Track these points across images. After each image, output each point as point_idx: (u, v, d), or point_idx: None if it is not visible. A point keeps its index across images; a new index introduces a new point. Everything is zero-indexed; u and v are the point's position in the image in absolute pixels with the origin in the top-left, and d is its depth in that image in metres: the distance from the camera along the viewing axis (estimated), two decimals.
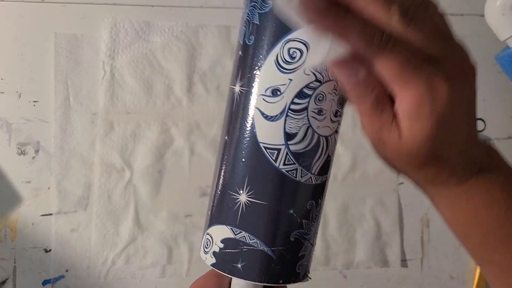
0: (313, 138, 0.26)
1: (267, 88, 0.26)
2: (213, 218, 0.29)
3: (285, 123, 0.26)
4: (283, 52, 0.25)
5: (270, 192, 0.27)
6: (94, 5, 0.58)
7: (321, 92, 0.26)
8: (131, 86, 0.57)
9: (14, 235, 0.55)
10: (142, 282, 0.56)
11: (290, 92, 0.25)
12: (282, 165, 0.26)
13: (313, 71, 0.25)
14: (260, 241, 0.27)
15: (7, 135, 0.55)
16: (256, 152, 0.26)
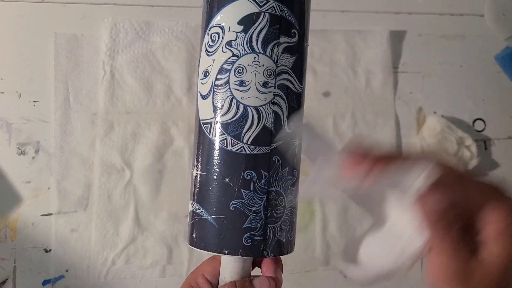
0: (239, 109, 0.28)
1: (202, 71, 0.30)
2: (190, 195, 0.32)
3: (213, 98, 0.29)
4: (208, 38, 0.29)
5: (207, 162, 0.29)
6: (94, 5, 0.58)
7: (240, 65, 0.28)
8: (131, 86, 0.57)
9: (14, 235, 0.55)
10: (142, 282, 0.56)
11: (214, 70, 0.29)
12: (214, 136, 0.29)
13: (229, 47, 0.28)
14: (205, 210, 0.29)
15: (7, 135, 0.55)
16: (199, 129, 0.30)
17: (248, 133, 0.28)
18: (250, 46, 0.28)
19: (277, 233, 0.29)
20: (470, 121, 0.65)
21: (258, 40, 0.28)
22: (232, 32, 0.28)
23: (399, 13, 0.65)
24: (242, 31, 0.28)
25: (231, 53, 0.28)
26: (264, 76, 0.28)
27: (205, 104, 0.29)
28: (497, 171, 0.65)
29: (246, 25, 0.28)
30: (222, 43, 0.29)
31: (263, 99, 0.28)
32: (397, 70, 0.64)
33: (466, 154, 0.62)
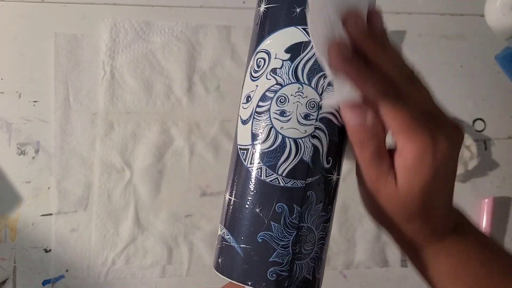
0: (277, 138, 0.27)
1: (245, 95, 0.29)
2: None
3: (252, 125, 0.28)
4: (254, 63, 0.29)
5: (240, 190, 0.28)
6: (94, 5, 0.58)
7: (282, 95, 0.27)
8: (131, 86, 0.57)
9: (14, 235, 0.55)
10: (142, 282, 0.56)
11: (257, 96, 0.28)
12: (249, 163, 0.28)
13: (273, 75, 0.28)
14: (233, 237, 0.28)
15: (7, 135, 0.55)
16: (235, 153, 0.29)
17: (284, 165, 0.27)
18: (295, 76, 0.27)
19: (304, 270, 0.28)
20: (470, 121, 0.65)
21: (304, 70, 0.27)
22: (278, 59, 0.28)
23: (399, 13, 0.65)
24: (288, 60, 0.27)
25: (275, 81, 0.27)
26: (307, 108, 0.27)
27: (244, 129, 0.28)
28: (497, 171, 0.65)
29: (293, 54, 0.27)
30: (267, 69, 0.28)
31: (303, 131, 0.27)
32: None
33: (466, 154, 0.62)
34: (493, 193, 0.64)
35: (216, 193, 0.58)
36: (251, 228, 0.28)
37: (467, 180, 0.64)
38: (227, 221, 0.29)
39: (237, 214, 0.28)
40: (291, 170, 0.27)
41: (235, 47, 0.60)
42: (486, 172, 0.65)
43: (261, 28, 0.29)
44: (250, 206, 0.28)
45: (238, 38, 0.60)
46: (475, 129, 0.65)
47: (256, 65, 0.28)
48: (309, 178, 0.28)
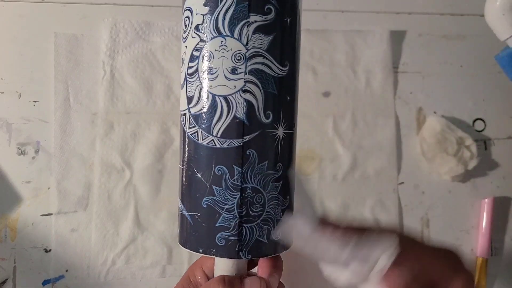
0: (208, 99, 0.26)
1: (181, 60, 0.28)
2: None
3: (186, 88, 0.27)
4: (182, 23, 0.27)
5: (183, 157, 0.28)
6: (94, 5, 0.58)
7: (207, 51, 0.25)
8: (131, 86, 0.57)
9: (14, 235, 0.55)
10: (142, 282, 0.56)
11: (186, 58, 0.27)
12: (188, 128, 0.27)
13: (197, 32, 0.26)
14: (183, 206, 0.28)
15: (7, 135, 0.55)
16: (180, 122, 0.28)
17: (218, 125, 0.26)
18: (217, 29, 0.25)
19: (256, 233, 0.27)
20: (470, 121, 0.65)
21: (225, 21, 0.25)
22: (199, 15, 0.26)
23: (399, 13, 0.65)
24: (208, 13, 0.25)
25: (199, 38, 0.26)
26: (233, 62, 0.25)
27: (182, 94, 0.27)
28: (497, 171, 0.65)
29: (211, 6, 0.25)
30: (192, 28, 0.26)
31: (232, 87, 0.25)
32: (397, 70, 0.64)
33: (466, 154, 0.62)
34: (493, 193, 0.64)
35: None
36: (196, 195, 0.27)
37: (467, 180, 0.64)
38: (180, 191, 0.28)
39: (184, 182, 0.27)
40: (225, 129, 0.26)
41: None
42: (486, 172, 0.65)
43: None
44: (192, 171, 0.27)
45: None
46: (475, 129, 0.65)
47: (184, 25, 0.27)
48: (246, 136, 0.26)
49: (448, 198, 0.64)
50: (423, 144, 0.63)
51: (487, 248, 0.62)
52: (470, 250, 0.63)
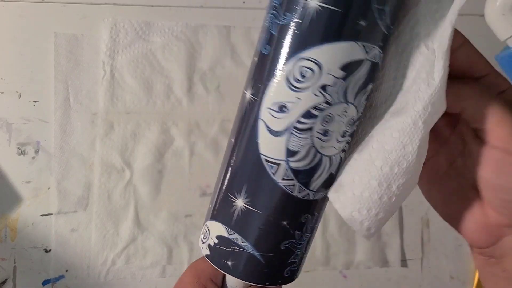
0: (315, 158, 0.26)
1: (275, 102, 0.25)
2: (213, 213, 0.30)
3: (288, 140, 0.25)
4: (295, 69, 0.25)
5: (265, 203, 0.27)
6: (94, 5, 0.58)
7: (329, 114, 0.25)
8: (131, 86, 0.57)
9: (14, 235, 0.55)
10: (142, 282, 0.56)
11: (297, 110, 0.25)
12: (280, 179, 0.26)
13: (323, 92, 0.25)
14: (251, 245, 0.27)
15: (7, 135, 0.55)
16: (257, 162, 0.26)
17: (317, 180, 0.27)
18: (345, 95, 0.25)
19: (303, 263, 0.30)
20: None
21: (353, 90, 0.25)
22: (331, 76, 0.24)
23: None
24: (342, 78, 0.24)
25: (324, 99, 0.25)
26: (345, 126, 0.26)
27: (274, 141, 0.26)
28: None
29: (348, 72, 0.24)
30: (316, 84, 0.24)
31: (338, 148, 0.26)
32: None
33: None
34: None
35: None
36: (275, 239, 0.27)
37: None
38: (242, 228, 0.28)
39: (258, 225, 0.27)
40: (321, 184, 0.27)
41: (235, 47, 0.60)
42: None
43: (308, 28, 0.24)
44: (275, 219, 0.27)
45: (238, 38, 0.60)
46: None
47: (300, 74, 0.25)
48: (330, 186, 0.28)
49: None
50: None
51: None
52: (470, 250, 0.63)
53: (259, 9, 0.61)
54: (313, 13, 0.24)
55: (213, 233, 0.29)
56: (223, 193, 0.29)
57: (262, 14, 0.28)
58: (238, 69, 0.60)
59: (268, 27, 0.26)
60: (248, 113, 0.27)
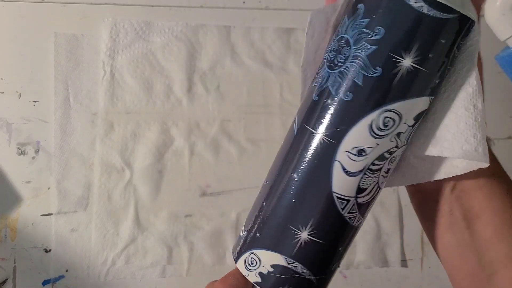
0: (376, 192, 0.29)
1: (354, 147, 0.27)
2: (264, 243, 0.30)
3: (360, 180, 0.28)
4: (379, 119, 0.27)
5: (330, 234, 0.29)
6: (94, 5, 0.58)
7: (395, 155, 0.28)
8: (131, 86, 0.57)
9: (14, 235, 0.55)
10: (142, 282, 0.56)
11: (374, 154, 0.27)
12: (347, 213, 0.29)
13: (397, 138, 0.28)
14: (310, 271, 0.30)
15: (7, 135, 0.55)
16: (327, 199, 0.28)
17: (369, 210, 0.30)
18: (407, 139, 0.28)
19: None
20: None
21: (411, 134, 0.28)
22: (405, 125, 0.27)
23: None
24: (411, 126, 0.28)
25: (395, 144, 0.28)
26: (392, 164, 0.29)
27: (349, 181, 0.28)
28: None
29: (417, 121, 0.28)
30: (394, 132, 0.27)
31: (384, 181, 0.30)
32: None
33: None
34: None
35: (216, 193, 0.58)
36: (330, 263, 0.30)
37: None
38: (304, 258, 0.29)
39: (319, 253, 0.30)
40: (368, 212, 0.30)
41: (235, 47, 0.60)
42: None
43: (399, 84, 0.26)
44: (335, 246, 0.30)
45: (238, 38, 0.60)
46: None
47: (383, 123, 0.27)
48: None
49: None
50: None
51: None
52: None
53: (259, 9, 0.61)
54: (404, 72, 0.26)
55: (266, 262, 0.30)
56: (283, 225, 0.30)
57: (262, 14, 0.28)
58: (238, 69, 0.60)
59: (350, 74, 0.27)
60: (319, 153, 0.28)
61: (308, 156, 0.29)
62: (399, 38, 0.25)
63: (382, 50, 0.26)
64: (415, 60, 0.26)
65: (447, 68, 0.27)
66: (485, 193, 0.30)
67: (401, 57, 0.26)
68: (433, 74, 0.26)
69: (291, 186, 0.29)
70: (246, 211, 0.58)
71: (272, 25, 0.60)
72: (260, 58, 0.60)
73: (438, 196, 0.30)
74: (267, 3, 0.61)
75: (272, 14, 0.61)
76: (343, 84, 0.27)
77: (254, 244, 0.31)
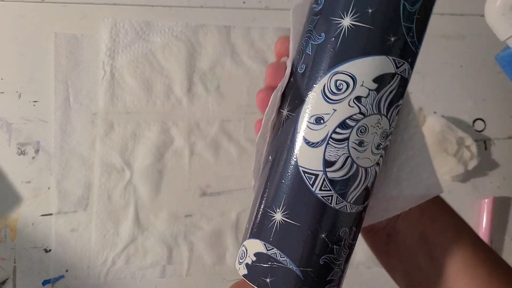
0: (352, 168, 0.27)
1: (312, 115, 0.27)
2: (251, 232, 0.30)
3: (325, 151, 0.27)
4: (330, 83, 0.27)
5: (304, 215, 0.28)
6: (94, 5, 0.58)
7: (363, 125, 0.27)
8: (131, 86, 0.57)
9: (14, 235, 0.55)
10: (142, 282, 0.56)
11: (333, 121, 0.27)
12: (318, 190, 0.27)
13: (357, 103, 0.27)
14: (290, 260, 0.28)
15: (7, 135, 0.55)
16: (295, 175, 0.28)
17: (353, 192, 0.28)
18: (378, 107, 0.27)
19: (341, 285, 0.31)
20: (470, 121, 0.65)
21: (386, 102, 0.27)
22: (364, 88, 0.27)
23: None
24: (375, 90, 0.27)
25: (358, 110, 0.27)
26: (380, 139, 0.28)
27: (312, 152, 0.27)
28: (497, 171, 0.65)
29: (380, 85, 0.27)
30: (351, 96, 0.27)
31: (373, 160, 0.28)
32: None
33: (466, 154, 0.62)
34: (493, 193, 0.64)
35: (216, 193, 0.58)
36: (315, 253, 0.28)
37: (467, 180, 0.64)
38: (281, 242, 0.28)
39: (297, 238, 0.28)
40: (357, 197, 0.28)
41: (235, 47, 0.60)
42: (486, 172, 0.65)
43: (342, 45, 0.26)
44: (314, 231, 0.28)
45: (238, 38, 0.60)
46: (475, 129, 0.65)
47: (335, 86, 0.27)
48: (366, 201, 0.29)
49: (448, 198, 0.63)
50: None
51: None
52: None
53: (259, 9, 0.61)
54: (345, 31, 0.26)
55: (251, 251, 0.29)
56: (262, 210, 0.29)
57: (262, 14, 0.28)
58: (238, 69, 0.60)
59: (303, 48, 0.28)
60: (286, 129, 0.28)
61: (279, 136, 0.29)
62: (336, 3, 0.26)
63: (323, 17, 0.27)
64: (354, 18, 0.26)
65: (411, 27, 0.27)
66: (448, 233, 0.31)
67: (340, 18, 0.26)
68: (380, 30, 0.26)
69: (267, 169, 0.29)
70: (246, 211, 0.58)
71: (272, 25, 0.60)
72: (260, 58, 0.60)
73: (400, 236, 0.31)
74: (267, 3, 0.61)
75: (272, 14, 0.61)
76: (299, 58, 0.28)
77: (244, 237, 0.30)
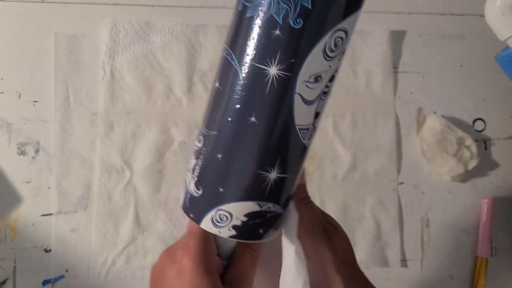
0: (322, 109, 0.29)
1: (311, 75, 0.26)
2: (232, 196, 0.29)
3: (317, 106, 0.28)
4: (331, 41, 0.26)
5: (295, 166, 0.29)
6: (94, 5, 0.58)
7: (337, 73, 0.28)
8: (131, 86, 0.57)
9: (14, 235, 0.55)
10: (142, 282, 0.56)
11: (327, 77, 0.27)
12: (307, 139, 0.28)
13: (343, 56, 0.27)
14: (280, 206, 0.30)
15: (7, 135, 0.55)
16: (291, 134, 0.27)
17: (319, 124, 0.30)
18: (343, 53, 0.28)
19: None
20: (470, 121, 0.65)
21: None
22: (349, 39, 0.27)
23: (399, 13, 0.65)
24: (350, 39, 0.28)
25: (340, 62, 0.28)
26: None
27: (308, 109, 0.27)
28: (497, 171, 0.65)
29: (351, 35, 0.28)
30: (341, 50, 0.27)
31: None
32: (397, 70, 0.64)
33: (466, 154, 0.62)
34: (493, 193, 0.64)
35: None
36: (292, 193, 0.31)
37: (467, 180, 0.64)
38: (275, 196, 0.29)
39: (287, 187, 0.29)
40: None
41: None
42: (486, 172, 0.65)
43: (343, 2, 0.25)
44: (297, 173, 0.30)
45: None
46: (475, 129, 0.65)
47: (334, 44, 0.26)
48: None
49: (448, 198, 0.64)
50: (423, 144, 0.63)
51: (487, 248, 0.62)
52: (470, 250, 0.63)
53: None
54: None
55: (239, 214, 0.29)
56: (250, 173, 0.28)
57: None
58: None
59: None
60: (278, 90, 0.26)
61: (266, 97, 0.26)
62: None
63: None
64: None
65: None
66: None
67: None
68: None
69: (253, 132, 0.27)
70: None
71: None
72: None
73: None
74: None
75: None
76: (290, 9, 0.25)
77: (219, 200, 0.29)
